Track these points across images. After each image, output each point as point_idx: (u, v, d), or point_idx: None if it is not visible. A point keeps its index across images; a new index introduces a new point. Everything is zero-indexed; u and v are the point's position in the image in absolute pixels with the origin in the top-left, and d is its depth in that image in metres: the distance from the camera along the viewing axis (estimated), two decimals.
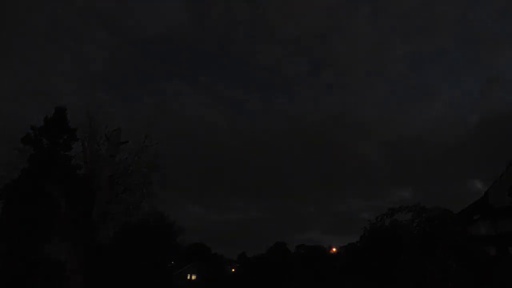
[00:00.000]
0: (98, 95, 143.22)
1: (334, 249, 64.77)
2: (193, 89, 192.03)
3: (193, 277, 69.80)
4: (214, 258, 77.46)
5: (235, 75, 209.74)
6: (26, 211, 23.32)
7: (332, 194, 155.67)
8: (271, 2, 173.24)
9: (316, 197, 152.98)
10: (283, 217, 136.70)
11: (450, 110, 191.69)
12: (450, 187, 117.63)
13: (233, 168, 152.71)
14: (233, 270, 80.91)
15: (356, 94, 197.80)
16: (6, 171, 23.82)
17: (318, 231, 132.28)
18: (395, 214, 19.62)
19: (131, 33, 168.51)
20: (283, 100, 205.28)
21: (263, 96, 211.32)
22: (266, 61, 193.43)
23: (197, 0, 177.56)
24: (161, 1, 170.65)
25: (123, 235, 31.60)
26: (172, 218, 50.90)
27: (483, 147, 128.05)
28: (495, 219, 19.39)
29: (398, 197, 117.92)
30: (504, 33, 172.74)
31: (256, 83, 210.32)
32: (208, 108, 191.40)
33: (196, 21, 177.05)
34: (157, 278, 40.34)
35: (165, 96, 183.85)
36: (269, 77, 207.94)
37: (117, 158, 20.93)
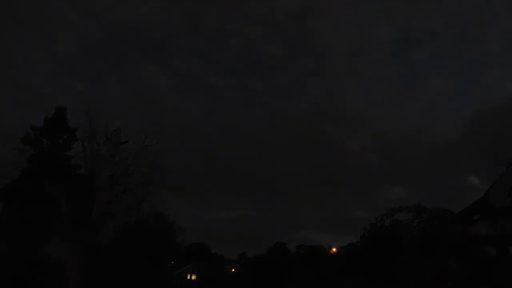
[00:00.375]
0: (69, 81, 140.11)
1: (334, 249, 64.79)
2: (167, 76, 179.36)
3: (193, 277, 69.86)
4: (214, 258, 77.50)
5: (208, 58, 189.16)
6: (26, 211, 23.33)
7: (330, 194, 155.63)
8: None
9: (315, 197, 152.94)
10: (283, 217, 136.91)
11: (441, 99, 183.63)
12: (446, 184, 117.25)
13: (230, 167, 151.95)
14: (233, 270, 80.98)
15: (339, 80, 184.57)
16: (6, 171, 23.83)
17: (317, 231, 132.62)
18: (395, 214, 19.60)
19: (100, 16, 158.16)
20: (262, 87, 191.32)
21: (239, 83, 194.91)
22: (240, 44, 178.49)
23: None
24: None
25: (123, 235, 31.61)
26: (172, 218, 51.02)
27: (479, 141, 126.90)
28: (495, 219, 19.39)
29: (394, 195, 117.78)
30: (495, 11, 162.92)
31: (231, 68, 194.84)
32: (185, 97, 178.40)
33: (165, 2, 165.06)
34: (157, 278, 40.36)
35: (139, 83, 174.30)
36: (244, 61, 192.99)
37: (117, 158, 20.98)
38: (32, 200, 23.39)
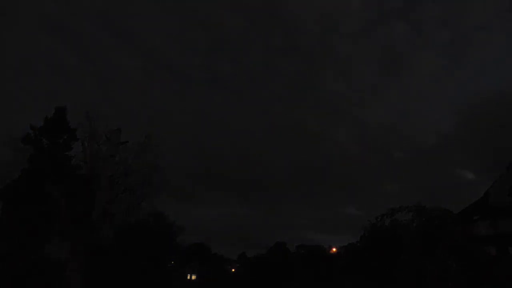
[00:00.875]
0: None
1: (334, 249, 64.75)
2: (130, 55, 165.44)
3: (193, 277, 69.92)
4: (214, 258, 77.46)
5: (171, 35, 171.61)
6: (26, 211, 23.31)
7: (329, 193, 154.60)
8: None
9: (314, 196, 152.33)
10: (283, 217, 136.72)
11: (428, 81, 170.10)
12: (442, 180, 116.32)
13: (228, 167, 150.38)
14: (233, 270, 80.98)
15: (315, 61, 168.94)
16: (6, 171, 23.83)
17: (317, 231, 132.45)
18: (395, 214, 19.61)
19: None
20: (229, 69, 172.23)
21: (205, 63, 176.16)
22: (202, 19, 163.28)
23: None
24: None
25: (123, 235, 31.60)
26: (172, 218, 50.97)
27: (473, 133, 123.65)
28: (495, 219, 19.39)
29: (390, 192, 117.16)
30: None
31: (196, 45, 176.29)
32: (153, 80, 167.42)
33: None
34: (157, 278, 40.37)
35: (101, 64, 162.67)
36: (208, 38, 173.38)
37: (117, 158, 21.04)
38: (32, 200, 23.39)
